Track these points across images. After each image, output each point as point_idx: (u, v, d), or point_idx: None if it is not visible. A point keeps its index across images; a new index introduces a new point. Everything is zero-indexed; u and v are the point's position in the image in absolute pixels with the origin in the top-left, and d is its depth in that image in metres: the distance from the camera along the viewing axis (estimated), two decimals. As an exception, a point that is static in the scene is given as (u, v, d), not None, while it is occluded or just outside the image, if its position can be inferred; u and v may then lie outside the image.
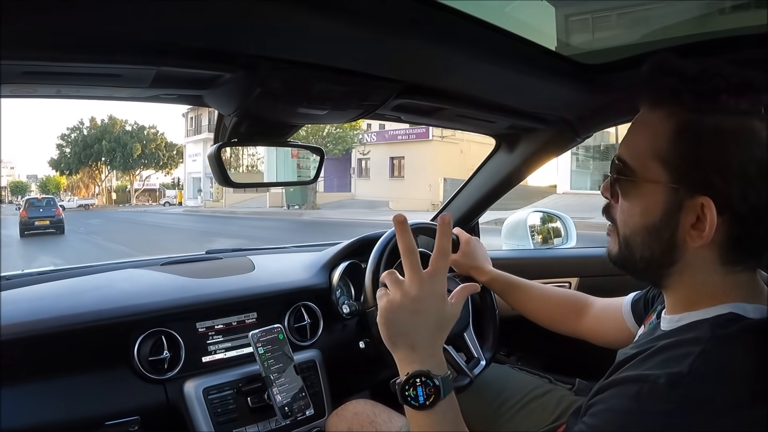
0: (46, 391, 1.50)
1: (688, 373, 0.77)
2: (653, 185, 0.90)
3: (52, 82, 1.13)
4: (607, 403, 0.84)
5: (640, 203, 0.92)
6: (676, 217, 0.87)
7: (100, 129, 55.62)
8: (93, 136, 55.45)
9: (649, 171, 0.90)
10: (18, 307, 1.57)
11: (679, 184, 0.87)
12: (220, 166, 1.42)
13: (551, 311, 1.70)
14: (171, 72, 1.12)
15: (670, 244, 0.89)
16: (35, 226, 22.68)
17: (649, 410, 0.78)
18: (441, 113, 1.71)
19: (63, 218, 23.76)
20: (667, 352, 0.84)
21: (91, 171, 60.75)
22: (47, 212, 23.54)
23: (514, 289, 1.77)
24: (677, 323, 0.93)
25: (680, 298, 0.95)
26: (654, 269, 0.94)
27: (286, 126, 1.53)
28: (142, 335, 1.63)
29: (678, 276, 0.93)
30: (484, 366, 1.79)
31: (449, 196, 2.48)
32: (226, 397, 1.69)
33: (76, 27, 0.90)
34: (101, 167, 60.30)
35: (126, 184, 65.59)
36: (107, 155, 54.83)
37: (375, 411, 1.67)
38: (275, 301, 1.96)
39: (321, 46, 1.12)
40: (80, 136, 56.94)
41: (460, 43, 1.21)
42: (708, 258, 0.88)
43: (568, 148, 2.05)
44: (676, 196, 0.87)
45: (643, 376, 0.81)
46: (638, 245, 0.94)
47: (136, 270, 1.98)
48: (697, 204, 0.85)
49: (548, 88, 1.57)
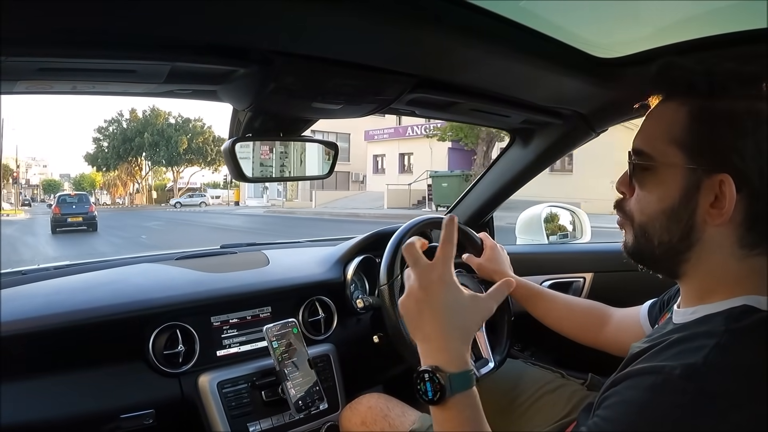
0: (62, 385, 1.51)
1: (703, 365, 0.77)
2: (671, 169, 0.91)
3: (67, 79, 1.13)
4: (621, 395, 0.83)
5: (657, 190, 0.93)
6: (695, 198, 0.89)
7: (141, 121, 52.61)
8: (134, 129, 52.65)
9: (667, 155, 0.91)
10: (34, 301, 1.59)
11: (696, 165, 0.88)
12: (234, 161, 1.42)
13: (574, 321, 1.69)
14: (185, 67, 1.13)
15: (689, 225, 0.90)
16: (67, 223, 22.54)
17: (663, 402, 0.77)
18: (455, 108, 1.71)
19: (96, 215, 23.56)
20: (682, 344, 0.84)
21: (129, 167, 57.11)
22: (80, 209, 23.37)
23: (537, 298, 1.76)
24: (691, 316, 0.93)
25: (695, 289, 0.95)
26: (672, 255, 0.94)
27: (300, 121, 1.53)
28: (157, 329, 1.64)
29: (695, 262, 0.93)
30: (492, 368, 1.77)
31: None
32: (240, 391, 1.70)
33: (91, 24, 0.91)
34: (141, 163, 57.15)
35: (165, 182, 62.53)
36: (149, 149, 52.36)
37: (388, 405, 1.67)
38: (290, 295, 1.96)
39: (335, 41, 1.12)
40: (119, 129, 54.22)
41: (475, 38, 1.20)
42: (726, 240, 0.89)
43: (582, 143, 2.04)
44: (694, 177, 0.88)
45: (657, 368, 0.81)
46: (656, 231, 0.94)
47: (151, 264, 1.99)
48: (716, 182, 0.86)
49: (563, 83, 1.56)
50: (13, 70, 1.02)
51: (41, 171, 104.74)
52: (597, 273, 2.29)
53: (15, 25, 0.85)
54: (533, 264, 2.40)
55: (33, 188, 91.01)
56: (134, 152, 53.44)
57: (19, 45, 0.91)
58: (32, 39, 0.91)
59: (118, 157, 54.16)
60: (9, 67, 0.99)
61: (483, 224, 2.49)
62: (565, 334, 1.70)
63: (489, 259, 1.86)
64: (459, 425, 0.98)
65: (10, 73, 1.03)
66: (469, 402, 0.99)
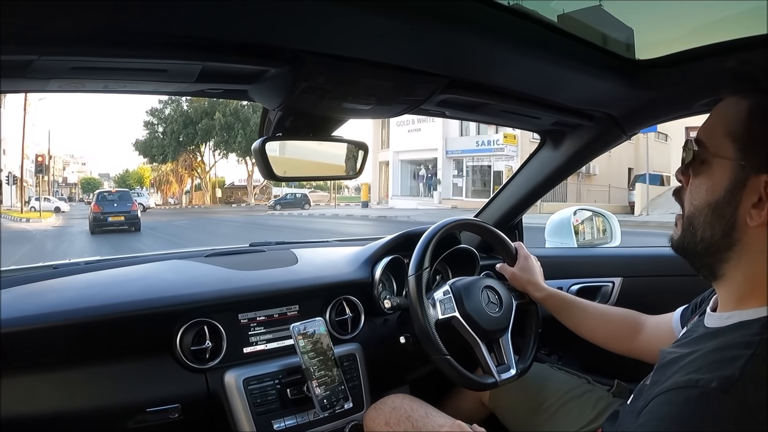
0: (90, 377, 1.54)
1: (740, 377, 0.76)
2: (722, 161, 0.91)
3: (99, 78, 1.14)
4: (656, 412, 0.82)
5: (707, 181, 0.94)
6: (739, 195, 0.89)
7: (210, 101, 40.27)
8: (199, 110, 43.06)
9: (720, 148, 0.92)
10: (66, 295, 1.62)
11: (746, 161, 0.88)
12: (264, 160, 1.43)
13: (607, 331, 1.68)
14: (217, 67, 1.13)
15: (731, 222, 0.90)
16: (108, 222, 20.95)
17: (700, 416, 0.76)
18: (486, 109, 1.70)
19: (138, 214, 22.04)
20: (716, 354, 0.83)
21: (188, 158, 47.85)
22: (122, 207, 21.59)
23: (570, 308, 1.75)
24: (726, 321, 0.92)
25: (733, 293, 0.94)
26: (713, 253, 0.94)
27: (331, 121, 1.53)
28: (186, 325, 1.65)
29: (735, 263, 0.92)
30: (512, 375, 1.76)
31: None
32: (265, 388, 1.70)
33: (124, 24, 0.92)
34: (203, 153, 47.86)
35: (222, 179, 54.70)
36: (220, 134, 42.51)
37: (413, 406, 1.67)
38: (317, 294, 1.97)
39: (367, 41, 1.12)
40: (178, 110, 44.65)
41: (506, 39, 1.20)
42: (765, 245, 0.88)
43: (614, 145, 2.02)
44: (741, 173, 0.89)
45: (692, 381, 0.80)
46: (700, 224, 0.94)
47: (181, 261, 2.02)
48: (761, 182, 0.86)
49: (595, 84, 1.55)
50: (46, 69, 1.03)
51: (80, 169, 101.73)
52: (626, 278, 2.27)
53: (49, 26, 0.86)
54: (562, 268, 2.38)
55: (71, 187, 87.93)
56: (199, 138, 44.59)
57: (53, 45, 0.92)
58: (66, 39, 0.92)
59: (178, 145, 45.44)
60: (42, 66, 1.00)
61: (512, 227, 2.48)
62: (598, 344, 1.69)
63: (523, 269, 1.86)
64: None
65: (43, 72, 1.04)
66: None
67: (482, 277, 1.86)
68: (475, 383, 1.65)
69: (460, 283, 1.76)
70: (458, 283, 1.76)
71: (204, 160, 50.04)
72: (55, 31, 0.88)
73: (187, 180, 51.69)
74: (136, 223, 21.19)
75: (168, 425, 1.59)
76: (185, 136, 44.11)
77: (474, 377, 1.64)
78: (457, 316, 1.67)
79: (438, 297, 1.72)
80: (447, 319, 1.68)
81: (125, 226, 20.95)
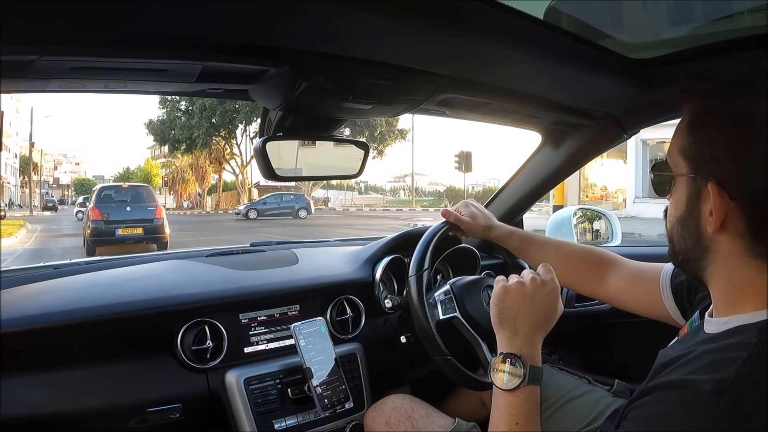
0: (91, 377, 1.54)
1: (735, 380, 0.76)
2: (680, 178, 0.94)
3: (99, 77, 1.15)
4: (648, 409, 0.82)
5: (674, 198, 0.97)
6: (697, 206, 0.90)
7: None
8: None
9: (677, 165, 0.94)
10: (66, 295, 1.62)
11: (695, 173, 0.90)
12: (265, 159, 1.43)
13: (569, 268, 1.59)
14: (217, 67, 1.13)
15: (697, 233, 0.92)
16: (117, 237, 13.26)
17: (692, 417, 0.76)
18: (486, 108, 1.70)
19: (164, 222, 14.05)
20: (711, 356, 0.83)
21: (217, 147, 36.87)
22: (139, 212, 13.85)
23: (530, 245, 1.68)
24: (723, 326, 0.91)
25: (723, 297, 0.94)
26: (690, 263, 0.97)
27: (331, 120, 1.53)
28: (186, 325, 1.65)
29: (713, 270, 0.93)
30: None
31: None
32: (266, 388, 1.70)
33: (124, 24, 0.92)
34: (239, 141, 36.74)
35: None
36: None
37: (413, 406, 1.66)
38: (318, 294, 1.97)
39: (367, 40, 1.12)
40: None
41: (507, 38, 1.20)
42: (735, 249, 0.88)
43: (614, 145, 2.02)
44: (694, 185, 0.91)
45: (686, 382, 0.80)
46: (675, 238, 0.98)
47: (182, 261, 2.02)
48: (711, 190, 0.86)
49: (595, 83, 1.55)
50: (47, 69, 1.03)
51: (73, 169, 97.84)
52: None
53: (50, 26, 0.86)
54: None
55: (63, 188, 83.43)
56: (241, 117, 33.81)
57: (54, 45, 0.92)
58: (66, 39, 0.92)
59: (211, 128, 33.99)
60: (42, 66, 1.00)
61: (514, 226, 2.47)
62: (563, 284, 1.48)
63: (473, 216, 1.73)
64: (519, 415, 1.13)
65: (43, 72, 1.04)
66: (534, 396, 1.16)
67: (483, 277, 1.85)
68: (476, 383, 1.65)
69: (460, 282, 1.75)
70: (459, 282, 1.75)
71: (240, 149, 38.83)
72: (56, 31, 0.88)
73: (209, 177, 41.65)
74: (159, 239, 13.86)
75: (169, 425, 1.59)
76: (222, 117, 33.88)
77: (475, 377, 1.63)
78: (458, 316, 1.66)
79: (439, 297, 1.71)
80: (448, 319, 1.67)
81: (144, 241, 13.74)
